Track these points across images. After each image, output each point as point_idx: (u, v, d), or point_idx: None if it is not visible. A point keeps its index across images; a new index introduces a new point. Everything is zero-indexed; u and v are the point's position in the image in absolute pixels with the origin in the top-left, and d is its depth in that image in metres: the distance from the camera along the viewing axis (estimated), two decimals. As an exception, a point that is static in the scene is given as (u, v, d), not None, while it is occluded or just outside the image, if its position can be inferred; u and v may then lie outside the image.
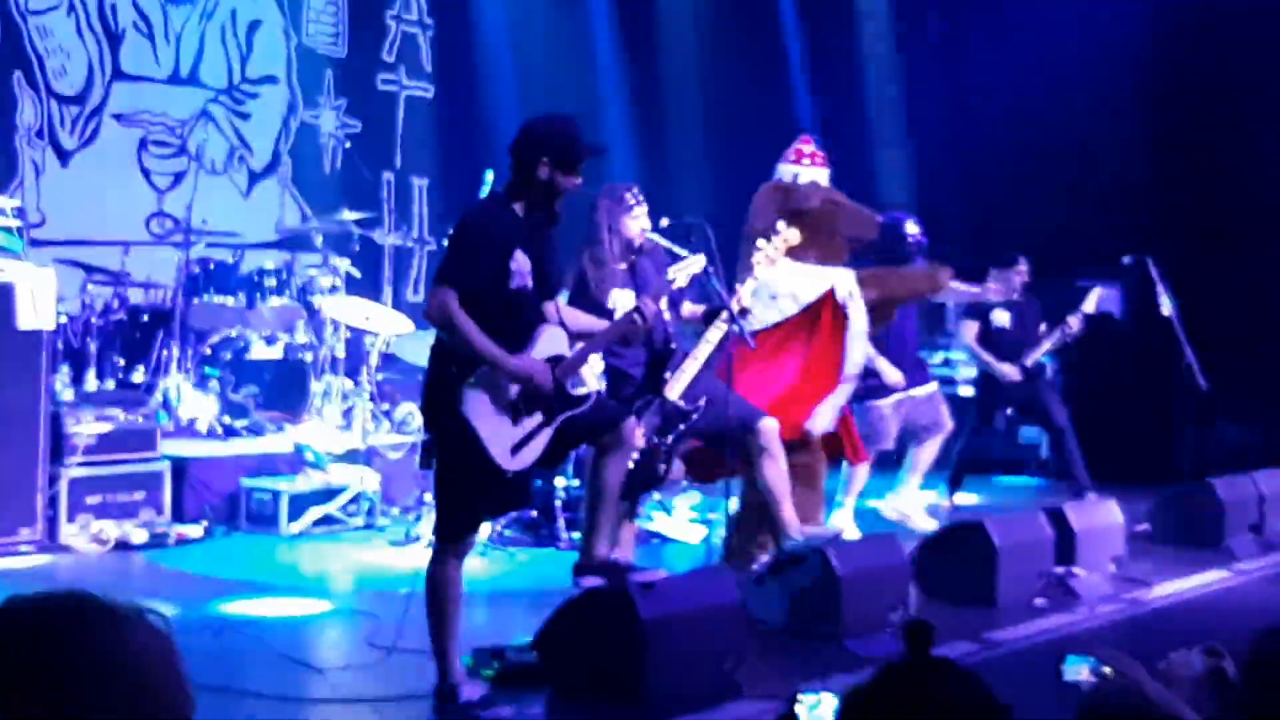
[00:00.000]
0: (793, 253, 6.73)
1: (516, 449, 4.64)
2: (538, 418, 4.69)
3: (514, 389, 4.61)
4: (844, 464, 7.74)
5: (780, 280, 6.78)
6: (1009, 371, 8.94)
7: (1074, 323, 8.93)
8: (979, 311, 9.05)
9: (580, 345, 4.99)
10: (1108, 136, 11.54)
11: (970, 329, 9.11)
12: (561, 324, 4.90)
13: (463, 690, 4.69)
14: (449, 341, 4.58)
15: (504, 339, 4.58)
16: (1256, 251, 10.74)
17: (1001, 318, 9.07)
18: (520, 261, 4.64)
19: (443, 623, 4.67)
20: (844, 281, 6.97)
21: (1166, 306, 8.78)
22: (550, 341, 4.80)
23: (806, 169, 7.16)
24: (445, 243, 5.30)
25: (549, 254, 4.82)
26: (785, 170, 7.20)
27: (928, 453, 8.49)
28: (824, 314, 6.94)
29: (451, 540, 4.75)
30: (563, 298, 5.47)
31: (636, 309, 5.09)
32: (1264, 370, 10.43)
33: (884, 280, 7.52)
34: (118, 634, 1.59)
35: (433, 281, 4.77)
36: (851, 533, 7.63)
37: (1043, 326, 9.08)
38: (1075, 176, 11.58)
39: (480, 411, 4.56)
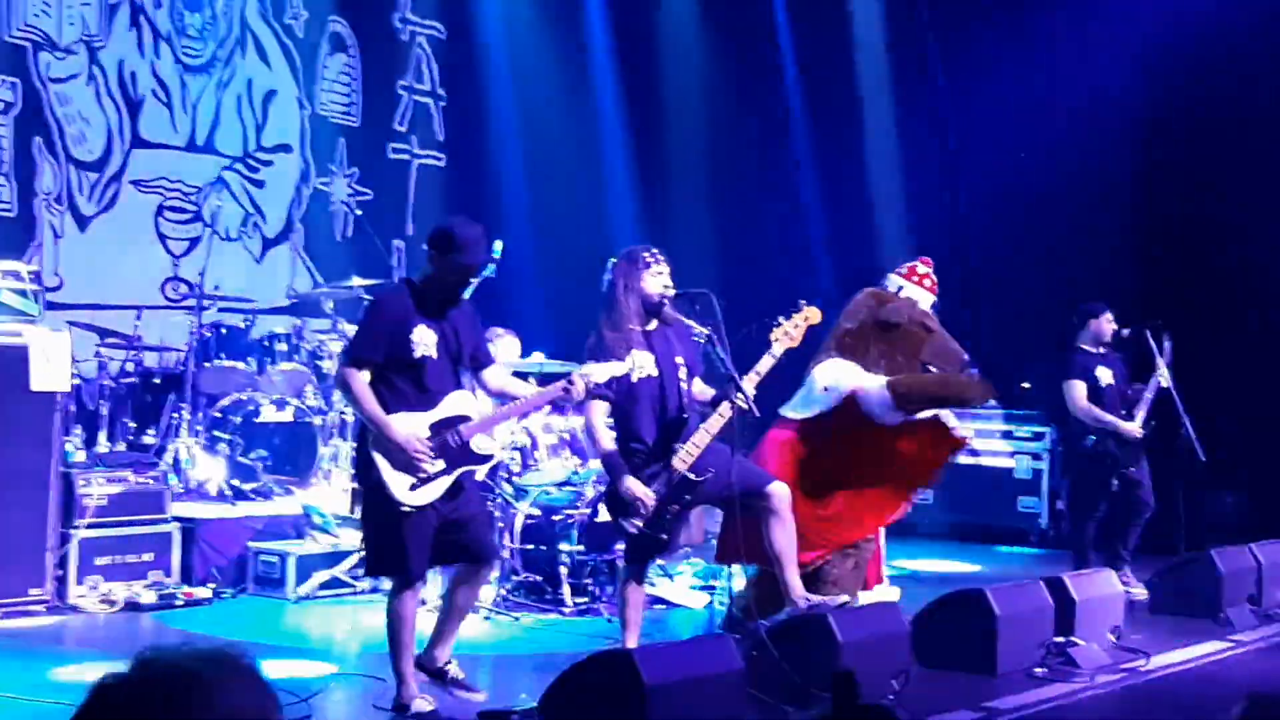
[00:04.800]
0: (863, 360, 6.88)
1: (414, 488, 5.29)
2: (439, 464, 5.33)
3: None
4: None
5: (826, 372, 6.91)
6: (1134, 429, 8.65)
7: (1165, 373, 8.71)
8: (1083, 371, 8.78)
9: (504, 408, 5.76)
10: (1106, 203, 11.68)
11: (1080, 389, 8.74)
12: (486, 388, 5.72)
13: (412, 708, 5.32)
14: None
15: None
16: (1255, 319, 10.84)
17: (1105, 375, 8.80)
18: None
19: (396, 648, 5.40)
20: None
21: (1165, 378, 8.84)
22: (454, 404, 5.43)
23: (912, 286, 7.20)
24: None
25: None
26: (893, 280, 7.27)
27: None
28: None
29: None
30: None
31: (569, 379, 5.56)
32: (1262, 441, 10.50)
33: (944, 384, 7.22)
34: (238, 691, 1.68)
35: None
36: (892, 594, 7.66)
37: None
38: (1072, 245, 11.71)
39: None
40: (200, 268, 9.38)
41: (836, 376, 6.97)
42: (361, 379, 5.33)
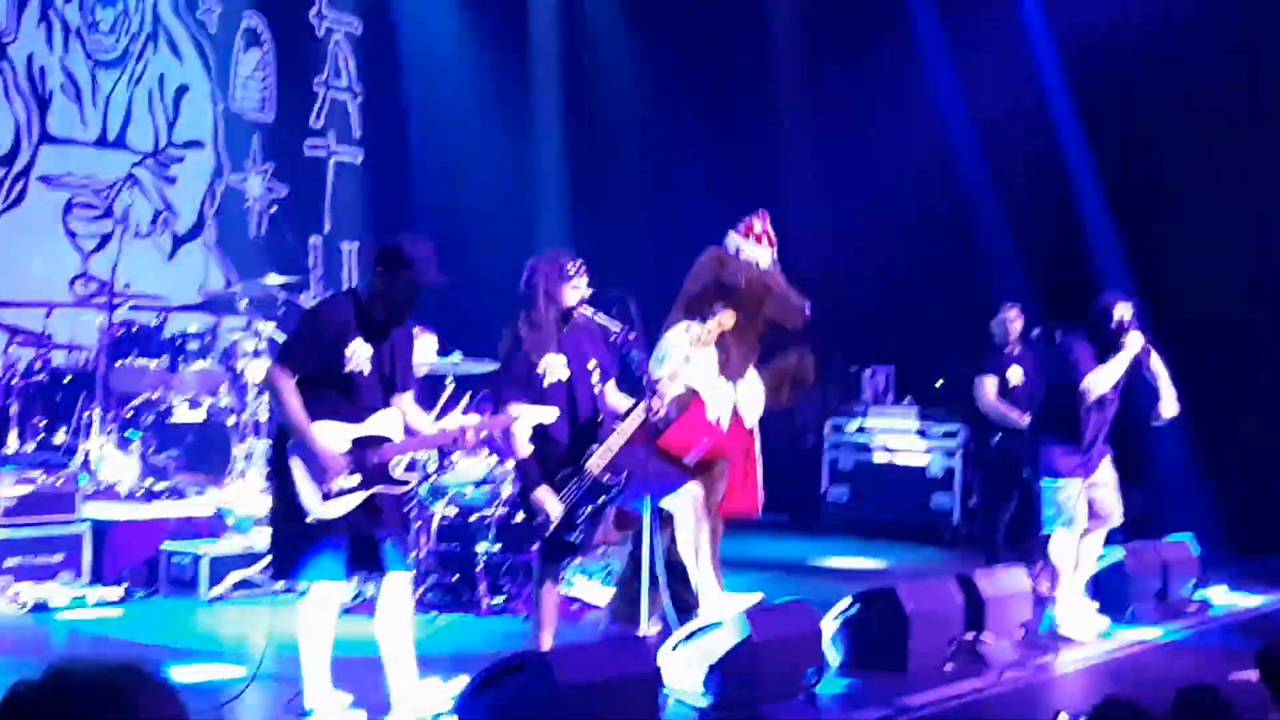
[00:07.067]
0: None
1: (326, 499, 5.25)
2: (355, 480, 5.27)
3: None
4: None
5: (676, 340, 6.89)
6: (1023, 421, 8.53)
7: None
8: (998, 367, 8.81)
9: (409, 440, 5.64)
10: (1021, 206, 11.84)
11: (991, 385, 8.79)
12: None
13: (323, 709, 5.29)
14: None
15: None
16: (1165, 318, 11.03)
17: (1015, 374, 8.82)
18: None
19: (307, 650, 5.38)
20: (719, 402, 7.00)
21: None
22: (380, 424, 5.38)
23: (750, 244, 7.11)
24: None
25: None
26: (731, 240, 7.17)
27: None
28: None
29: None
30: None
31: (461, 430, 5.61)
32: (1169, 438, 10.69)
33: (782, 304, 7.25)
34: (150, 701, 1.67)
35: None
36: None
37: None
38: (987, 246, 11.86)
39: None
40: (110, 264, 9.26)
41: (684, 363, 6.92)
42: (290, 382, 5.26)
